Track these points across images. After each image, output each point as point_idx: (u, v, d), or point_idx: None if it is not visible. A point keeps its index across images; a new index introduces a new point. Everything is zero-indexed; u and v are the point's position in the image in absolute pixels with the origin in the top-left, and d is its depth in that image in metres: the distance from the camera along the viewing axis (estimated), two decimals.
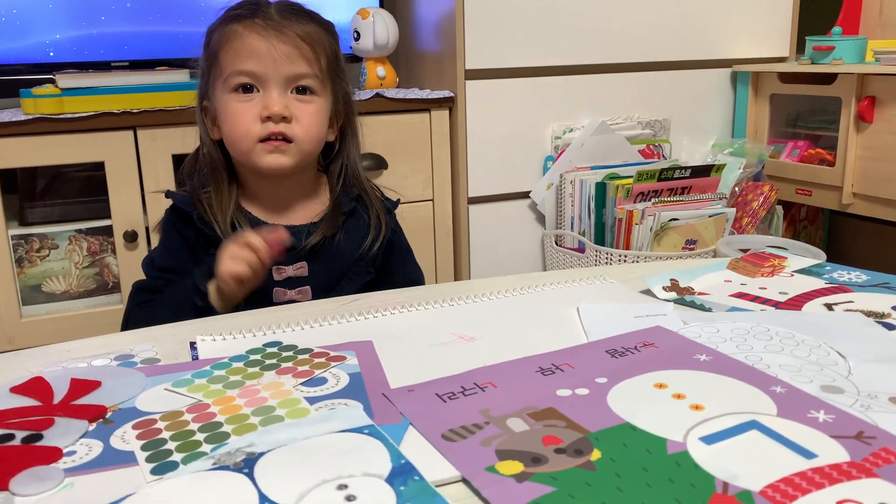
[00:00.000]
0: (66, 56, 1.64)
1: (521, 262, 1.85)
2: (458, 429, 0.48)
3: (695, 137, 1.96)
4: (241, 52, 0.88)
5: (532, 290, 0.77)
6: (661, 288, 0.76)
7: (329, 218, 0.94)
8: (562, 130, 1.81)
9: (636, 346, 0.60)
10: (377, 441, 0.47)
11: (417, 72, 1.91)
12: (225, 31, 0.90)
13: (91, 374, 0.60)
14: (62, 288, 1.51)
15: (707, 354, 0.59)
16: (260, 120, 0.89)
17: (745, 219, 1.78)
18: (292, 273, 0.92)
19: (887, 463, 0.43)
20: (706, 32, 1.92)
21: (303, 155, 0.92)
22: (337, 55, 0.96)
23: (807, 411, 0.49)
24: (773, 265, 0.84)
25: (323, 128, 0.94)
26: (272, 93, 0.88)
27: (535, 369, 0.57)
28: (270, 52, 0.88)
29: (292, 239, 0.85)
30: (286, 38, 0.89)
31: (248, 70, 0.88)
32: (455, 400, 0.52)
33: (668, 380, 0.55)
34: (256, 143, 0.89)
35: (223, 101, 0.90)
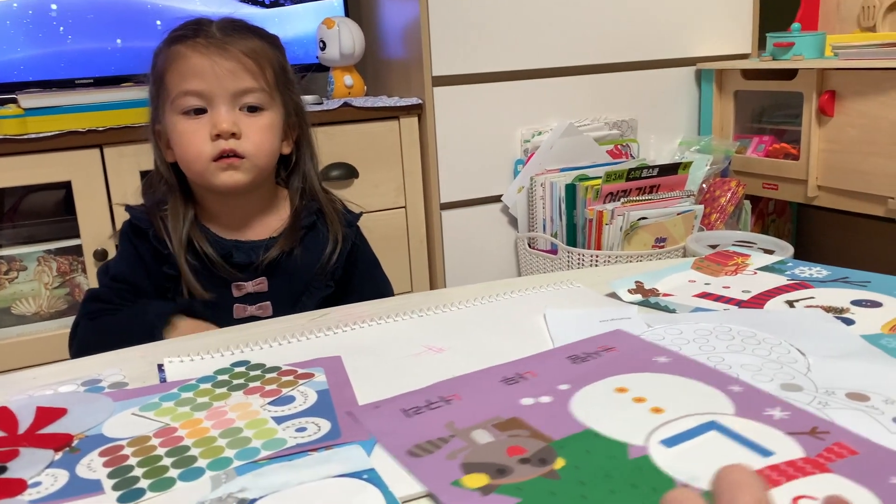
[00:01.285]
0: (29, 75, 1.62)
1: (496, 266, 1.86)
2: (424, 444, 0.48)
3: (662, 136, 1.99)
4: (185, 73, 0.88)
5: (500, 297, 0.78)
6: (626, 291, 0.77)
7: (287, 232, 0.94)
8: (530, 134, 1.82)
9: (597, 351, 0.61)
10: (375, 489, 0.45)
11: (385, 79, 1.91)
12: (169, 52, 0.90)
13: (57, 401, 0.59)
14: (32, 309, 1.50)
15: (666, 356, 0.60)
16: (210, 138, 0.88)
17: (713, 215, 1.81)
18: (252, 289, 0.92)
19: (840, 457, 0.45)
20: (670, 32, 1.94)
21: (257, 170, 0.92)
22: (284, 68, 0.96)
23: (763, 409, 0.51)
24: (737, 264, 0.85)
25: (275, 141, 0.94)
26: (220, 110, 0.88)
27: (500, 379, 0.57)
28: (214, 70, 0.88)
29: None
30: (229, 54, 0.89)
31: (194, 90, 0.88)
32: (420, 414, 0.52)
33: (629, 384, 0.55)
34: (210, 163, 0.89)
35: (172, 123, 0.90)
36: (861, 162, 1.63)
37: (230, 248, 0.92)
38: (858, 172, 1.64)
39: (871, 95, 1.59)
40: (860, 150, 1.63)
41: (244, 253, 0.92)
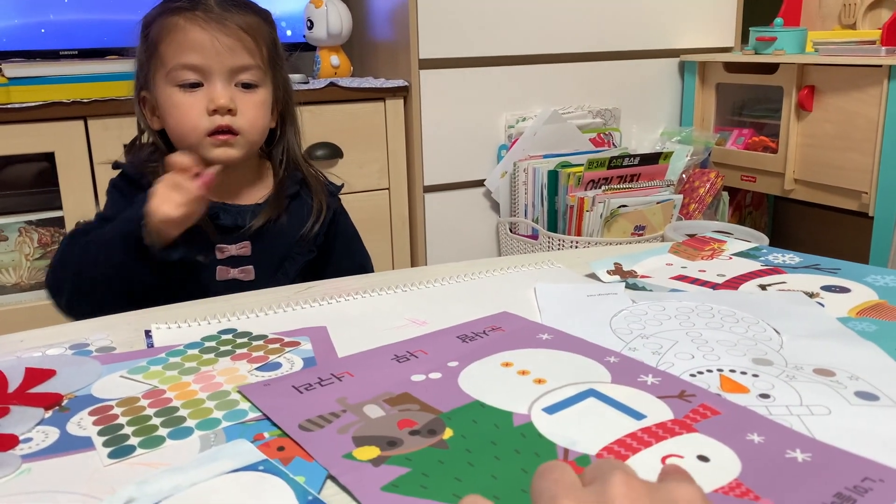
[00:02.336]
0: (13, 45, 1.61)
1: (477, 250, 1.88)
2: (316, 418, 0.49)
3: (644, 126, 2.01)
4: (183, 45, 0.88)
5: (483, 275, 0.80)
6: (605, 272, 0.79)
7: (273, 200, 0.96)
8: (515, 119, 1.84)
9: (485, 331, 0.64)
10: (276, 478, 0.43)
11: (372, 60, 1.91)
12: (165, 22, 0.90)
13: (46, 363, 0.60)
14: (12, 280, 1.49)
15: (548, 334, 0.63)
16: (207, 113, 0.89)
17: (692, 205, 1.84)
18: (235, 252, 0.93)
19: (704, 418, 0.48)
20: (655, 23, 1.96)
21: (249, 146, 0.93)
22: (276, 44, 0.97)
23: (637, 376, 0.54)
24: (713, 249, 0.88)
25: (267, 118, 0.95)
26: (216, 86, 0.89)
27: (391, 357, 0.59)
28: (214, 45, 0.88)
29: (219, 169, 0.86)
30: (228, 30, 0.89)
31: (193, 64, 0.88)
32: (312, 391, 0.54)
33: (514, 359, 0.58)
34: (204, 137, 0.89)
35: (166, 94, 0.90)
36: (837, 157, 1.66)
37: (217, 210, 0.92)
38: (834, 167, 1.67)
39: (848, 92, 1.62)
40: (836, 146, 1.66)
41: (231, 216, 0.93)
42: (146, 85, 0.93)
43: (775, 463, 0.43)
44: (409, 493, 0.41)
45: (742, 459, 0.44)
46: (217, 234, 0.92)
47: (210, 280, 0.92)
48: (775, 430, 0.47)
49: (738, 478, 0.42)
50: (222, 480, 0.44)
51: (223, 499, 0.42)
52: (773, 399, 0.51)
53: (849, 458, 0.43)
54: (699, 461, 0.43)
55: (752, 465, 0.43)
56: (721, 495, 0.40)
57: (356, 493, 0.42)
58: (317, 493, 0.42)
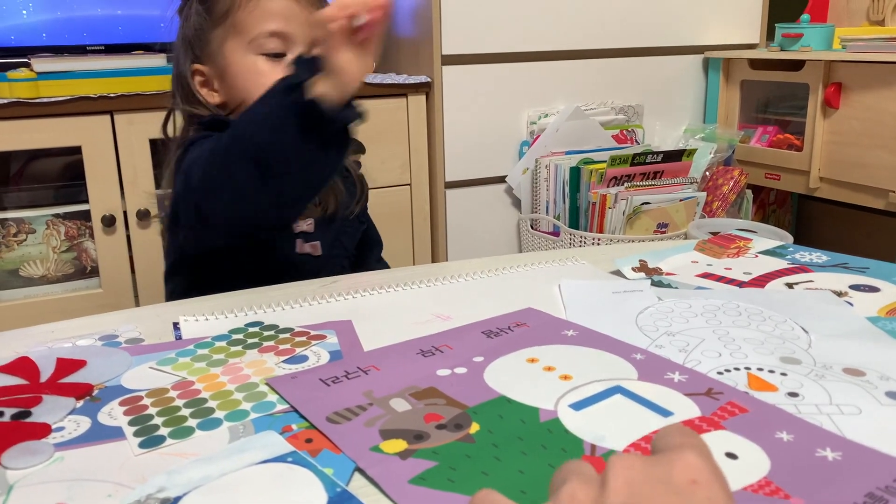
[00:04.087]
0: (42, 40, 1.63)
1: (497, 246, 1.88)
2: (343, 411, 0.50)
3: (667, 123, 2.00)
4: (272, 13, 0.88)
5: (507, 271, 0.80)
6: (630, 269, 0.78)
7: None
8: (537, 116, 1.83)
9: (510, 327, 0.63)
10: (304, 469, 0.44)
11: (394, 56, 1.91)
12: None
13: (76, 353, 0.61)
14: (40, 272, 1.51)
15: (574, 330, 0.62)
16: None
17: (715, 203, 1.82)
18: (304, 227, 0.96)
19: (732, 415, 0.48)
20: (679, 19, 1.95)
21: None
22: None
23: (664, 373, 0.54)
24: (739, 247, 0.87)
25: None
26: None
27: (416, 352, 0.59)
28: (296, 14, 0.89)
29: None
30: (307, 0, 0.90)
31: (281, 31, 0.88)
32: (339, 384, 0.54)
33: (540, 355, 0.58)
34: None
35: (248, 63, 0.89)
36: (863, 155, 1.64)
37: None
38: (860, 165, 1.65)
39: (876, 89, 1.60)
40: (863, 143, 1.64)
41: None
42: (204, 57, 0.93)
43: (805, 461, 0.43)
44: (437, 487, 0.42)
45: (771, 457, 0.43)
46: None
47: (291, 251, 0.94)
48: (805, 429, 0.46)
49: (768, 476, 0.42)
50: (251, 471, 0.44)
51: (252, 489, 0.42)
52: (802, 398, 0.50)
53: (880, 458, 0.43)
54: (727, 458, 0.43)
55: (782, 464, 0.43)
56: (750, 493, 0.40)
57: (384, 485, 0.42)
58: (345, 485, 0.43)
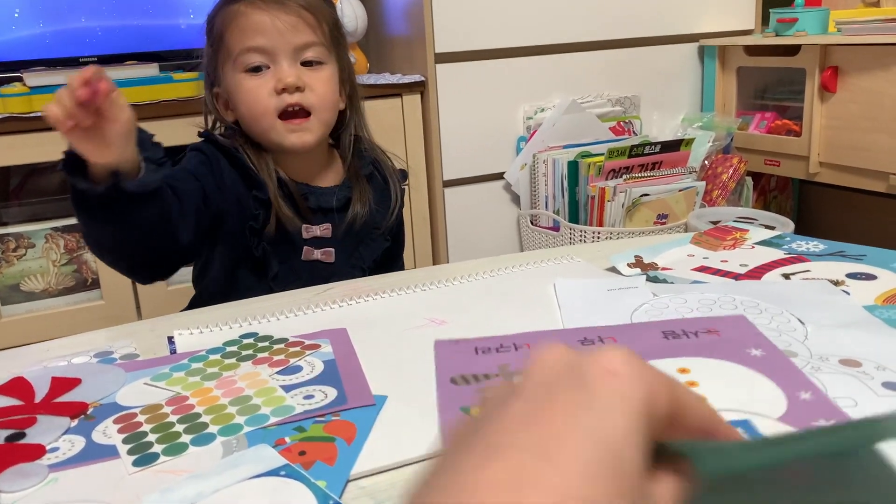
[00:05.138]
0: (33, 53, 1.63)
1: (498, 243, 1.88)
2: (469, 375, 0.50)
3: (664, 113, 1.99)
4: (246, 30, 0.89)
5: (501, 272, 0.79)
6: (625, 265, 0.78)
7: (354, 181, 0.97)
8: (533, 111, 1.83)
9: (697, 332, 0.59)
10: (298, 482, 0.44)
11: (388, 56, 1.91)
12: (227, 12, 0.91)
13: (71, 371, 0.61)
14: (41, 286, 1.51)
15: (761, 350, 0.56)
16: (275, 93, 0.89)
17: (715, 191, 1.81)
18: (319, 233, 0.94)
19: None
20: (672, 7, 1.94)
21: (323, 126, 0.93)
22: (337, 23, 0.97)
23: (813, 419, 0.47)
24: (735, 238, 0.86)
25: (336, 94, 0.95)
26: (283, 65, 0.89)
27: (578, 339, 0.58)
28: (275, 25, 0.89)
29: (102, 72, 0.66)
30: (288, 9, 0.90)
31: (257, 46, 0.89)
32: (487, 354, 0.55)
33: (695, 367, 0.54)
34: (276, 121, 0.90)
35: (235, 82, 0.90)
36: (863, 138, 1.63)
37: (304, 191, 0.93)
38: (860, 149, 1.64)
39: (874, 71, 1.59)
40: (862, 127, 1.63)
41: (316, 197, 0.94)
42: (216, 80, 0.94)
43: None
44: None
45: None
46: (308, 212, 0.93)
47: (297, 259, 0.94)
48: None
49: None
50: (245, 486, 0.44)
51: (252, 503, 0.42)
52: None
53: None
54: None
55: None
56: None
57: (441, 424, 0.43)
58: (338, 498, 0.42)
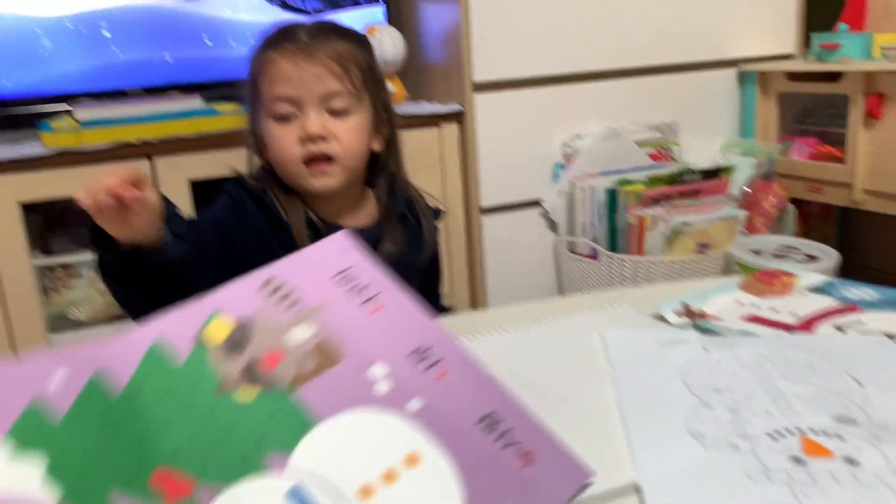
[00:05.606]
0: (80, 85, 1.67)
1: (536, 270, 1.87)
2: None
3: (704, 138, 1.97)
4: (275, 78, 0.91)
5: (545, 320, 0.79)
6: (672, 313, 0.77)
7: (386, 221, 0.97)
8: (571, 137, 1.83)
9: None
10: None
11: (425, 85, 1.93)
12: (261, 58, 0.93)
13: None
14: (87, 315, 1.55)
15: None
16: (300, 142, 0.91)
17: (756, 219, 1.79)
18: None
19: None
20: (711, 33, 1.93)
21: (347, 171, 0.94)
22: (371, 66, 0.97)
23: None
24: (784, 283, 0.85)
25: (363, 142, 0.96)
26: (309, 114, 0.91)
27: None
28: (301, 75, 0.90)
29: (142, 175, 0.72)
30: (315, 58, 0.91)
31: (284, 95, 0.91)
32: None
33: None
34: (301, 167, 0.92)
35: (266, 127, 0.93)
36: None
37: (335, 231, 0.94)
38: None
39: None
40: None
41: None
42: (255, 120, 0.96)
43: None
44: None
45: None
46: None
47: None
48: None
49: None
50: None
51: None
52: (860, 465, 0.49)
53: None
54: None
55: None
56: None
57: None
58: None
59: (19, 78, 1.62)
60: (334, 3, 1.86)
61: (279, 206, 0.92)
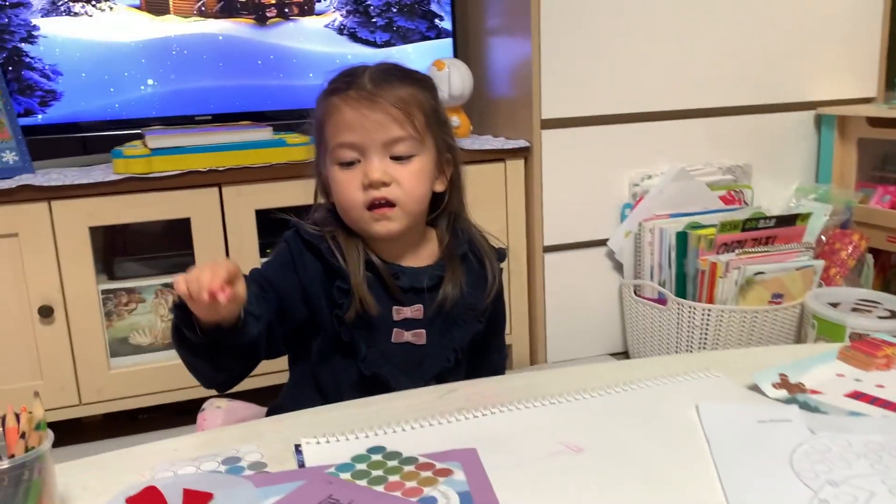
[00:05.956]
0: (152, 111, 1.69)
1: (598, 312, 1.83)
2: None
3: (777, 182, 1.91)
4: (339, 125, 0.91)
5: (636, 386, 0.75)
6: (770, 385, 0.73)
7: (448, 261, 0.95)
8: (640, 177, 1.78)
9: None
10: None
11: (491, 119, 1.90)
12: (326, 104, 0.93)
13: (202, 482, 0.60)
14: (148, 340, 1.55)
15: None
16: (362, 187, 0.90)
17: (832, 269, 1.72)
18: (410, 315, 0.93)
19: None
20: (788, 74, 1.87)
21: (409, 216, 0.93)
22: (435, 109, 0.97)
23: None
24: (888, 355, 0.80)
25: (425, 186, 0.95)
26: (372, 160, 0.90)
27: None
28: (363, 123, 0.90)
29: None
30: (377, 106, 0.90)
31: (347, 142, 0.90)
32: None
33: None
34: (364, 211, 0.91)
35: (331, 172, 0.93)
36: None
37: (396, 271, 0.93)
38: None
39: None
40: None
41: (408, 277, 0.93)
42: (321, 163, 0.96)
43: None
44: None
45: None
46: (400, 291, 0.92)
47: (386, 342, 0.93)
48: None
49: None
50: None
51: None
52: None
53: None
54: None
55: None
56: None
57: None
58: None
59: (92, 103, 1.65)
60: (403, 36, 1.86)
61: (336, 253, 0.92)
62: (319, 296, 0.92)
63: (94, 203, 1.45)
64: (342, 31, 1.81)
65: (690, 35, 1.77)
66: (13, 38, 1.58)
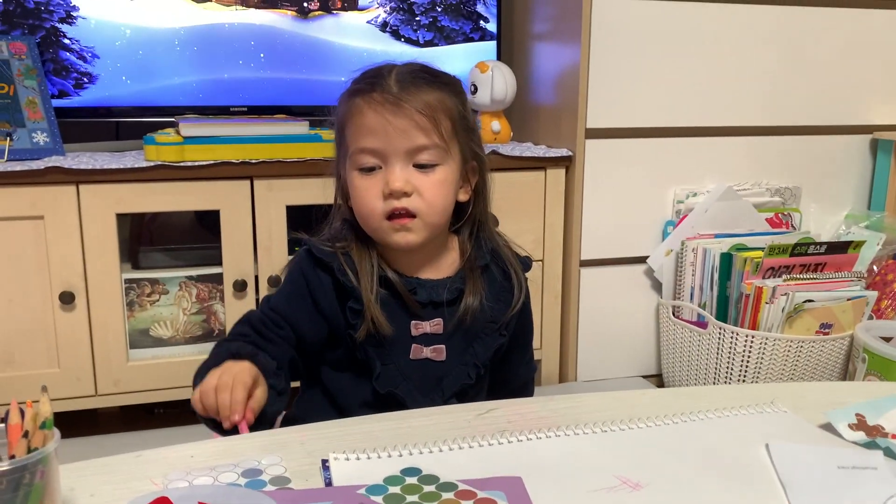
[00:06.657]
0: (187, 99, 1.65)
1: (633, 331, 1.76)
2: None
3: (827, 207, 1.83)
4: (361, 129, 0.85)
5: (697, 418, 0.69)
6: (846, 426, 0.66)
7: (468, 273, 0.89)
8: (685, 194, 1.71)
9: None
10: None
11: (532, 125, 1.85)
12: (348, 106, 0.88)
13: (218, 495, 0.55)
14: (169, 333, 1.51)
15: None
16: (383, 196, 0.84)
17: (884, 301, 1.64)
18: (429, 330, 0.88)
19: None
20: (844, 97, 1.79)
21: (430, 227, 0.87)
22: (463, 115, 0.90)
23: None
24: None
25: (449, 196, 0.89)
26: (394, 168, 0.85)
27: None
28: (386, 129, 0.84)
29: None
30: (402, 111, 0.84)
31: (369, 147, 0.85)
32: None
33: None
34: (383, 221, 0.85)
35: (350, 177, 0.87)
36: None
37: (414, 285, 0.87)
38: None
39: None
40: None
41: (426, 290, 0.88)
42: (341, 164, 0.90)
43: None
44: None
45: None
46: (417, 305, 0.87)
47: (404, 359, 0.87)
48: None
49: None
50: None
51: None
52: None
53: None
54: None
55: None
56: None
57: None
58: None
59: (127, 88, 1.61)
60: (447, 36, 1.81)
61: (349, 270, 0.86)
62: (336, 312, 0.87)
63: (123, 189, 1.41)
64: (385, 27, 1.76)
65: (743, 51, 1.70)
66: (52, 18, 1.55)
